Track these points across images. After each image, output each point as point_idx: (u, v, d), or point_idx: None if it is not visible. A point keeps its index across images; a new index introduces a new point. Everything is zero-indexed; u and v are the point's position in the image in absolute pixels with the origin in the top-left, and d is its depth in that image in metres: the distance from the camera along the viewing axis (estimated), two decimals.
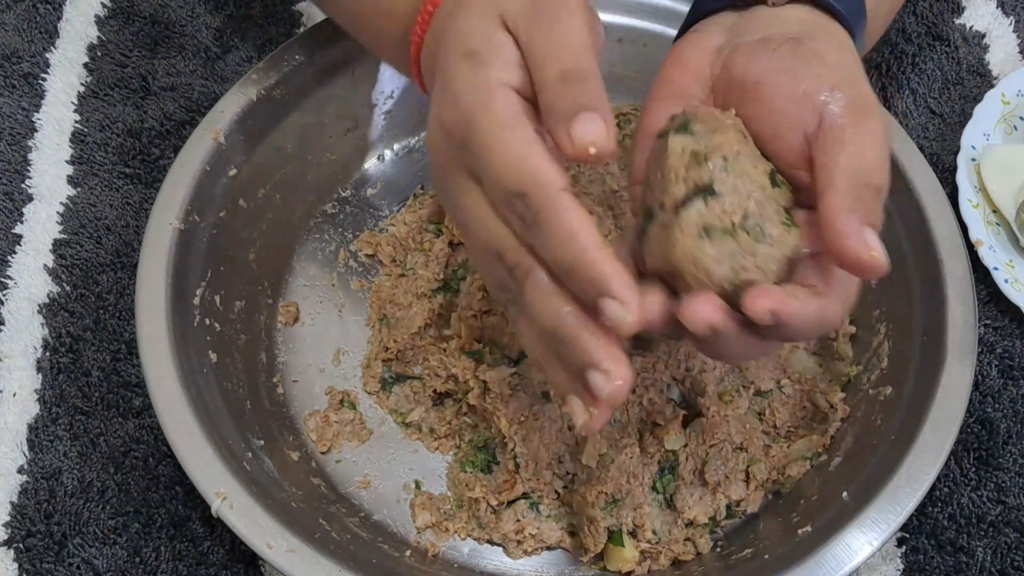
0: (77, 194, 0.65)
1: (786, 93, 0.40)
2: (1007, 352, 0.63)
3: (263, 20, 0.74)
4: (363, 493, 0.56)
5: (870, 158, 0.38)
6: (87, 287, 0.62)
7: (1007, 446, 0.59)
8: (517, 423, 0.54)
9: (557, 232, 0.34)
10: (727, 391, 0.56)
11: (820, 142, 0.38)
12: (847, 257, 0.36)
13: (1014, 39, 0.76)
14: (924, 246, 0.56)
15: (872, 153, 0.38)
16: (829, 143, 0.38)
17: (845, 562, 0.47)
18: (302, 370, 0.60)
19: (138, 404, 0.58)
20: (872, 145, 0.38)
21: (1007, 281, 0.63)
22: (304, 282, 0.63)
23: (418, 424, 0.58)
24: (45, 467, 0.56)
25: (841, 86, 0.39)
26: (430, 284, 0.61)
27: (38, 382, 0.59)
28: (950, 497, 0.57)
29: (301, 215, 0.65)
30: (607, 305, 0.34)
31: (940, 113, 0.72)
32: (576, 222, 0.34)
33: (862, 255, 0.36)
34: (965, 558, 0.56)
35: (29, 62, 0.71)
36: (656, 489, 0.54)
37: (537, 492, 0.54)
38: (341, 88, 0.63)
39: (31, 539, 0.54)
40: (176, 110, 0.69)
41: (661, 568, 0.53)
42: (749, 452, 0.55)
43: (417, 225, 0.64)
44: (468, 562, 0.54)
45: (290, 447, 0.56)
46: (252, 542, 0.47)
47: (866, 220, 0.36)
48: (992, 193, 0.66)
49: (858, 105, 0.39)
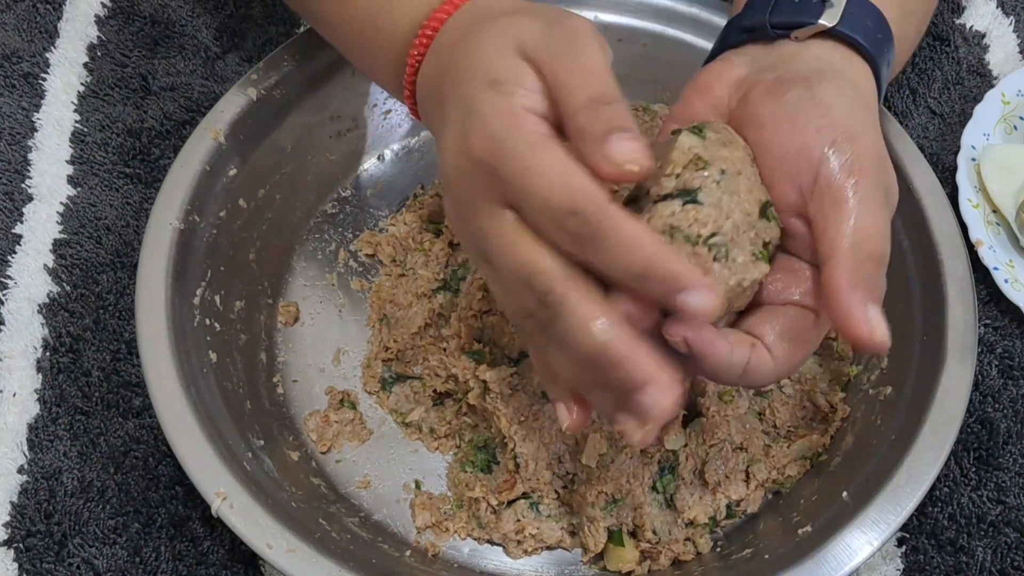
0: (77, 194, 0.65)
1: (785, 142, 0.40)
2: (1007, 352, 0.63)
3: (263, 20, 0.74)
4: (363, 493, 0.56)
5: (869, 228, 0.38)
6: (87, 287, 0.62)
7: (1007, 446, 0.59)
8: (517, 423, 0.54)
9: (623, 242, 0.35)
10: (727, 391, 0.56)
11: (817, 202, 0.39)
12: (849, 335, 0.37)
13: (1014, 39, 0.76)
14: (924, 246, 0.56)
15: (871, 221, 0.38)
16: (827, 206, 0.38)
17: (845, 562, 0.47)
18: (302, 370, 0.60)
19: (138, 404, 0.58)
20: (870, 213, 0.38)
21: (1007, 281, 0.63)
22: (304, 282, 0.63)
23: (418, 424, 0.58)
24: (45, 467, 0.56)
25: (840, 144, 0.39)
26: (430, 284, 0.61)
27: (38, 382, 0.59)
28: (950, 497, 0.57)
29: (301, 215, 0.65)
30: (690, 298, 0.34)
31: (940, 113, 0.72)
32: (637, 231, 0.35)
33: (863, 334, 0.37)
34: (965, 558, 0.56)
35: (29, 62, 0.71)
36: (656, 489, 0.54)
37: (537, 492, 0.54)
38: (341, 88, 0.63)
39: (31, 539, 0.54)
40: (176, 110, 0.69)
41: (661, 568, 0.53)
42: (749, 452, 0.55)
43: (417, 225, 0.64)
44: (468, 562, 0.54)
45: (290, 447, 0.56)
46: (252, 542, 0.47)
47: (868, 295, 0.37)
48: (992, 193, 0.66)
49: (857, 166, 0.39)
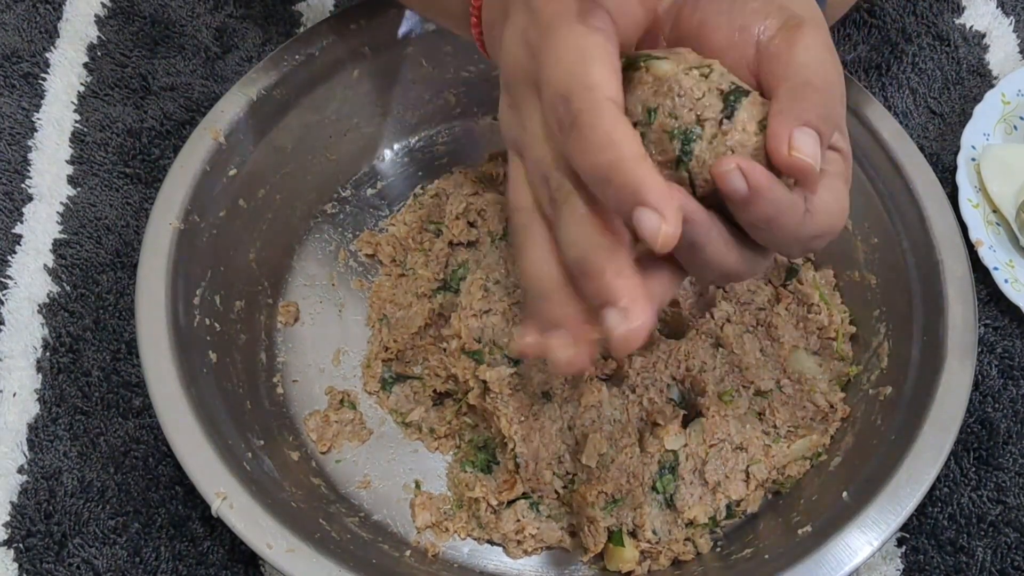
0: (77, 194, 0.65)
1: (724, 31, 0.39)
2: (1007, 352, 0.63)
3: (263, 20, 0.74)
4: (363, 493, 0.56)
5: (804, 61, 0.36)
6: (87, 287, 0.62)
7: (1007, 446, 0.59)
8: (517, 423, 0.54)
9: (594, 137, 0.33)
10: (727, 391, 0.56)
11: (762, 63, 0.37)
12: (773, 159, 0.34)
13: (1014, 39, 0.76)
14: (924, 246, 0.56)
15: (804, 57, 0.36)
16: (767, 60, 0.37)
17: (845, 562, 0.47)
18: (302, 370, 0.60)
19: (138, 404, 0.58)
20: (805, 50, 0.36)
21: (1007, 281, 0.63)
22: (304, 282, 0.63)
23: (418, 424, 0.58)
24: (45, 467, 0.56)
25: (773, 14, 0.38)
26: (430, 284, 0.61)
27: (38, 382, 0.59)
28: (950, 497, 0.57)
29: (301, 215, 0.65)
30: (643, 216, 0.32)
31: (940, 113, 0.72)
32: (617, 129, 0.32)
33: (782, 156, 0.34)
34: (965, 558, 0.56)
35: (29, 62, 0.71)
36: (656, 489, 0.54)
37: (537, 492, 0.54)
38: (341, 88, 0.63)
39: (31, 539, 0.54)
40: (176, 110, 0.69)
41: (661, 568, 0.53)
42: (749, 452, 0.55)
43: (417, 225, 0.64)
44: (468, 562, 0.54)
45: (290, 447, 0.56)
46: (252, 542, 0.47)
47: (800, 119, 0.35)
48: (992, 193, 0.66)
49: (789, 24, 0.37)
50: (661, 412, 0.55)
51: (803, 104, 0.35)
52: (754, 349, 0.58)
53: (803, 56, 0.36)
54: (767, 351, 0.59)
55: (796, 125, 0.34)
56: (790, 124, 0.34)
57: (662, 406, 0.55)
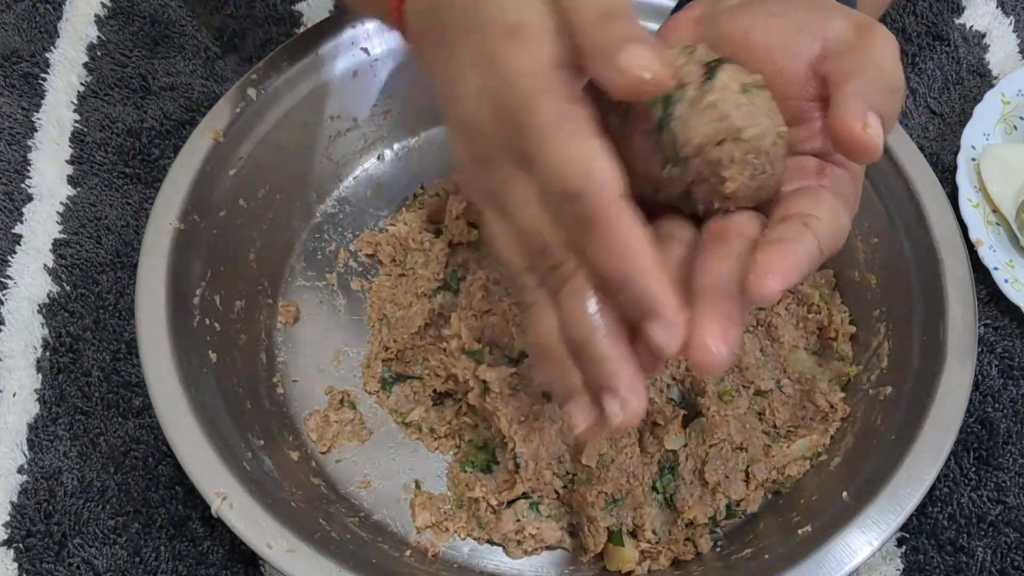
0: (77, 194, 0.65)
1: (779, 30, 0.39)
2: (1007, 352, 0.63)
3: (263, 20, 0.74)
4: (363, 493, 0.56)
5: (882, 53, 0.37)
6: (87, 287, 0.62)
7: (1007, 446, 0.59)
8: (517, 423, 0.54)
9: (611, 244, 0.33)
10: (727, 391, 0.56)
11: (831, 58, 0.38)
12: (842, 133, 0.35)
13: (1014, 39, 0.76)
14: (924, 246, 0.56)
15: (882, 49, 0.37)
16: (838, 56, 0.37)
17: (845, 562, 0.47)
18: (302, 370, 0.60)
19: (138, 404, 0.58)
20: (883, 43, 0.37)
21: (1007, 281, 0.63)
22: (304, 282, 0.63)
23: (418, 424, 0.58)
24: (45, 467, 0.56)
25: (836, 12, 0.38)
26: (430, 284, 0.61)
27: (38, 382, 0.59)
28: (950, 497, 0.57)
29: (301, 215, 0.65)
30: (655, 329, 0.33)
31: (940, 113, 0.72)
32: (632, 237, 0.33)
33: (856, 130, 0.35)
34: (965, 558, 0.56)
35: (29, 62, 0.71)
36: (656, 489, 0.54)
37: (537, 492, 0.54)
38: (341, 88, 0.63)
39: (31, 539, 0.54)
40: (176, 110, 0.69)
41: (661, 568, 0.53)
42: (749, 452, 0.55)
43: (417, 225, 0.64)
44: (468, 562, 0.54)
45: (290, 447, 0.56)
46: (252, 542, 0.47)
47: (874, 106, 0.35)
48: (992, 193, 0.66)
49: (861, 24, 0.38)
50: (661, 412, 0.55)
51: (877, 95, 0.36)
52: (754, 349, 0.58)
53: (880, 49, 0.37)
54: (767, 351, 0.59)
55: (869, 109, 0.35)
56: (866, 105, 0.35)
57: (662, 406, 0.55)
